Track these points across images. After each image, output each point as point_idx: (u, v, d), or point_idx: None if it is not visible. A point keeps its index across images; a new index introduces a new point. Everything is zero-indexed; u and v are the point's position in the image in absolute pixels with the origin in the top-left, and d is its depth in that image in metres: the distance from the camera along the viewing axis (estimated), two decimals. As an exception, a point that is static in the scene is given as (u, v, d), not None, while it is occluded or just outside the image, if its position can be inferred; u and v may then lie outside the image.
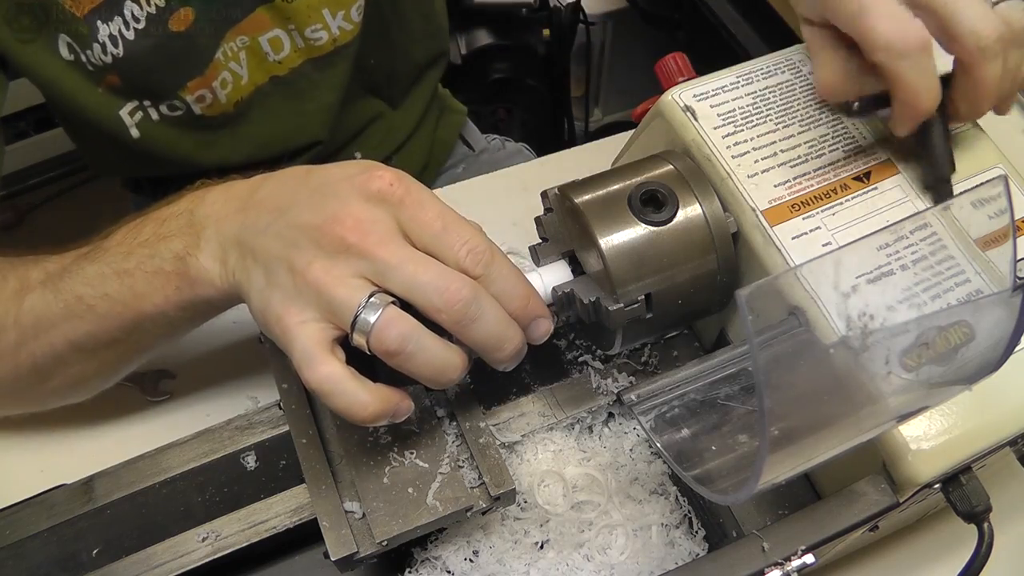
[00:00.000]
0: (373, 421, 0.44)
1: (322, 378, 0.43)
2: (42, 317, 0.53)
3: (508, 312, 0.45)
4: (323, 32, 0.79)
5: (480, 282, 0.44)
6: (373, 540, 0.48)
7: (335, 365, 0.43)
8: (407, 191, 0.44)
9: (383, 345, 0.42)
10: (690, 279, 0.48)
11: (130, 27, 0.69)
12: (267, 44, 0.77)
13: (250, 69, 0.78)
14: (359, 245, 0.43)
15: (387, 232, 0.43)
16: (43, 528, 0.52)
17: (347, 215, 0.43)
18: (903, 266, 0.44)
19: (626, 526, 0.55)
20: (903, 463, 0.45)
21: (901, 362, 0.40)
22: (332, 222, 0.43)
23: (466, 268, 0.44)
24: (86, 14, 0.66)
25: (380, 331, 0.42)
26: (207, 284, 0.48)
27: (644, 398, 0.49)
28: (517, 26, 1.42)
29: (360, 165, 0.46)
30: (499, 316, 0.44)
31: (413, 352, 0.43)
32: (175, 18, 0.70)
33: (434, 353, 0.43)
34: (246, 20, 0.75)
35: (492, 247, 0.45)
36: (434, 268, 0.43)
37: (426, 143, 1.01)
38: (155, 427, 0.63)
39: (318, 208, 0.44)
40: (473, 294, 0.43)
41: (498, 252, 0.45)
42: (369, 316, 0.42)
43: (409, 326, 0.43)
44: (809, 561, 0.44)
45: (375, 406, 0.44)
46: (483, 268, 0.44)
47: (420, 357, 0.43)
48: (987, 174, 0.53)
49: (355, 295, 0.42)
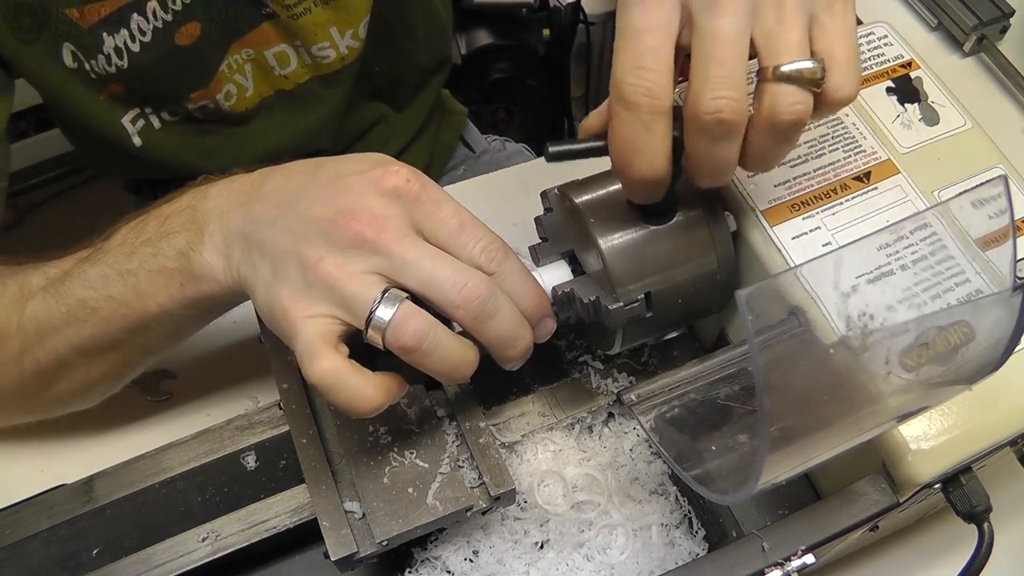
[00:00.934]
0: (375, 413, 0.44)
1: (323, 372, 0.42)
2: (45, 323, 0.52)
3: (520, 310, 0.45)
4: (331, 51, 0.78)
5: (493, 280, 0.44)
6: (373, 540, 0.48)
7: (337, 359, 0.42)
8: (423, 188, 0.44)
9: (400, 341, 0.42)
10: (690, 279, 0.48)
11: (136, 40, 0.68)
12: (273, 58, 0.77)
13: (256, 81, 0.78)
14: (374, 240, 0.42)
15: (402, 228, 0.43)
16: (43, 528, 0.52)
17: (361, 209, 0.43)
18: (903, 266, 0.44)
19: (626, 526, 0.55)
20: (903, 463, 0.45)
21: (901, 362, 0.40)
22: (346, 216, 0.43)
23: (481, 265, 0.44)
24: (92, 26, 0.66)
25: (397, 327, 0.42)
26: (211, 280, 0.48)
27: (644, 398, 0.49)
28: (517, 26, 1.42)
29: (373, 159, 0.46)
30: (513, 314, 0.44)
31: (430, 349, 0.42)
32: (181, 32, 0.70)
33: (450, 349, 0.43)
34: (251, 34, 0.75)
35: (505, 246, 0.45)
36: (451, 264, 0.43)
37: (428, 146, 1.01)
38: (155, 427, 0.63)
39: (330, 202, 0.43)
40: (490, 291, 0.43)
41: (510, 251, 0.45)
42: (384, 313, 0.42)
43: (426, 322, 0.42)
44: (809, 561, 0.44)
45: (378, 399, 0.43)
46: (497, 266, 0.44)
47: (437, 354, 0.43)
48: (987, 174, 0.53)
49: (369, 291, 0.42)
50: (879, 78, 0.56)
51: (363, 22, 0.79)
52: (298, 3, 0.74)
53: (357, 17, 0.78)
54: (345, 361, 0.43)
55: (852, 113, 0.54)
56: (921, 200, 0.51)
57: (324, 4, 0.75)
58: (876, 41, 0.58)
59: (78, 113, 0.73)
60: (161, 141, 0.78)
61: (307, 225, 0.43)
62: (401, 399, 0.52)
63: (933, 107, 0.55)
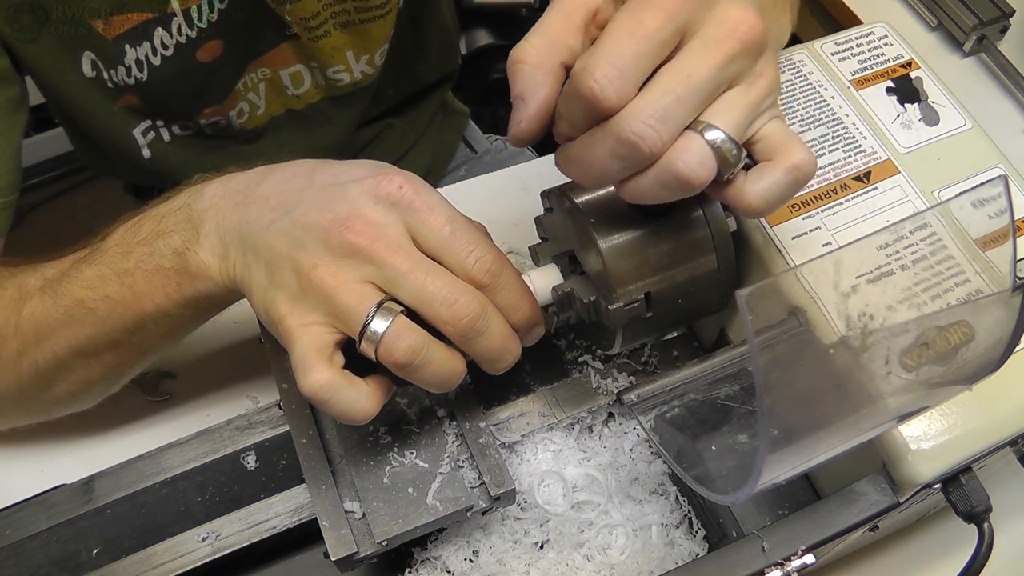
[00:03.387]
0: (368, 420, 0.44)
1: (316, 387, 0.42)
2: (42, 324, 0.52)
3: (511, 323, 0.45)
4: (345, 74, 0.79)
5: (486, 291, 0.44)
6: (373, 540, 0.48)
7: (330, 373, 0.42)
8: (416, 193, 0.44)
9: (392, 357, 0.42)
10: (690, 279, 0.48)
11: (157, 53, 0.68)
12: (288, 78, 0.77)
13: (267, 101, 0.78)
14: (368, 250, 0.42)
15: (397, 238, 0.43)
16: (43, 528, 0.52)
17: (357, 218, 0.42)
18: (903, 266, 0.44)
19: (626, 526, 0.55)
20: (903, 463, 0.45)
21: (901, 362, 0.40)
22: (341, 224, 0.42)
23: (473, 277, 0.43)
24: (115, 37, 0.66)
25: (390, 343, 0.41)
26: (207, 279, 0.48)
27: (644, 398, 0.49)
28: (517, 26, 1.42)
29: (370, 167, 0.46)
30: (503, 330, 0.44)
31: (421, 365, 0.42)
32: (204, 49, 0.70)
33: (440, 364, 0.43)
34: (270, 53, 0.75)
35: (499, 256, 0.45)
36: (443, 279, 0.42)
37: (430, 148, 1.01)
38: (155, 427, 0.63)
39: (326, 208, 0.43)
40: (481, 308, 0.42)
41: (506, 262, 0.45)
42: (378, 326, 0.41)
43: (419, 339, 0.42)
44: (809, 561, 0.44)
45: (370, 408, 0.44)
46: (491, 278, 0.44)
47: (427, 369, 0.43)
48: (987, 174, 0.53)
49: (363, 303, 0.42)
50: (879, 78, 0.56)
51: (380, 50, 0.79)
52: (319, 26, 0.74)
53: (375, 45, 0.78)
54: (338, 374, 0.43)
55: (852, 113, 0.54)
56: (921, 200, 0.51)
57: (343, 28, 0.75)
58: (876, 41, 0.58)
59: (90, 120, 0.73)
60: (169, 154, 0.78)
61: (302, 231, 0.43)
62: (401, 399, 0.53)
63: (933, 107, 0.55)
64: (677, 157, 0.37)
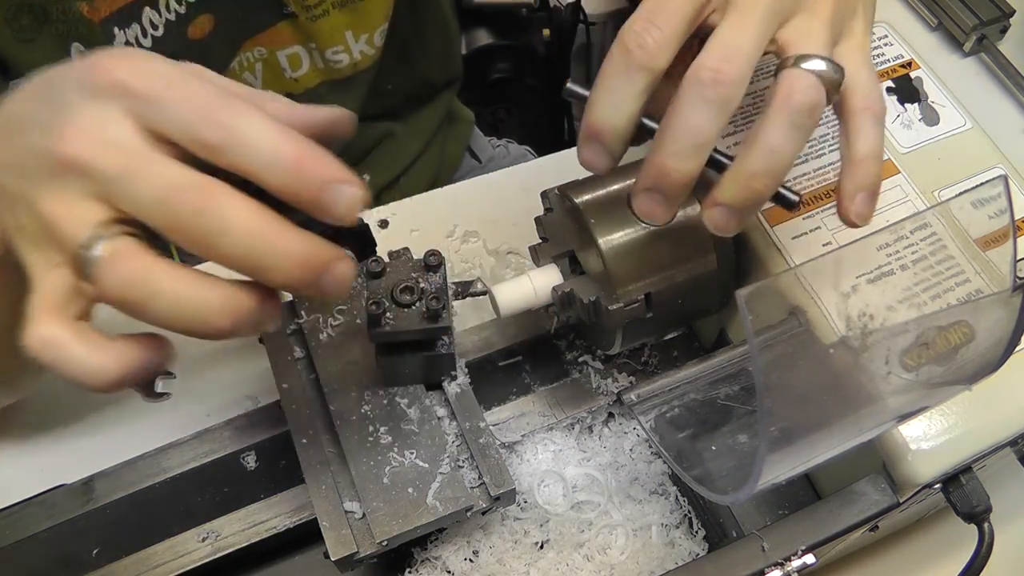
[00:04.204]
0: (113, 389, 0.35)
1: (38, 345, 0.34)
2: None
3: (276, 191, 0.33)
4: (344, 55, 0.78)
5: (223, 161, 0.33)
6: (373, 540, 0.48)
7: (55, 327, 0.34)
8: (131, 74, 0.34)
9: (105, 294, 0.33)
10: (690, 279, 0.48)
11: (147, 34, 0.67)
12: (285, 60, 0.76)
13: (264, 82, 0.77)
14: (80, 160, 0.33)
15: (116, 136, 0.34)
16: (43, 528, 0.52)
17: (69, 124, 0.34)
18: (903, 266, 0.44)
19: (626, 526, 0.55)
20: (903, 463, 0.45)
21: (901, 362, 0.40)
22: (58, 138, 0.34)
23: (199, 142, 0.33)
24: (102, 20, 0.65)
25: (98, 276, 0.33)
26: None
27: (644, 398, 0.49)
28: (517, 26, 1.42)
29: (85, 59, 0.36)
30: (250, 217, 0.33)
31: (142, 301, 0.33)
32: (194, 26, 0.69)
33: (176, 298, 0.33)
34: (266, 32, 0.74)
35: (229, 98, 0.33)
36: (152, 170, 0.33)
37: (435, 159, 0.99)
38: (155, 427, 0.63)
39: (48, 124, 0.35)
40: (200, 199, 0.32)
41: (239, 103, 0.34)
42: (92, 253, 0.33)
43: (138, 266, 0.33)
44: (809, 561, 0.44)
45: (111, 371, 0.35)
46: (220, 136, 0.33)
47: (155, 306, 0.33)
48: (987, 174, 0.53)
49: (79, 226, 0.33)
50: (879, 78, 0.56)
51: (379, 29, 0.78)
52: (317, 4, 0.73)
53: (373, 24, 0.78)
54: (69, 328, 0.34)
55: (852, 113, 0.54)
56: (921, 200, 0.51)
57: (342, 7, 0.75)
58: (876, 41, 0.58)
59: None
60: None
61: (29, 157, 0.35)
62: (401, 399, 0.52)
63: (933, 107, 0.55)
64: (789, 95, 0.38)
